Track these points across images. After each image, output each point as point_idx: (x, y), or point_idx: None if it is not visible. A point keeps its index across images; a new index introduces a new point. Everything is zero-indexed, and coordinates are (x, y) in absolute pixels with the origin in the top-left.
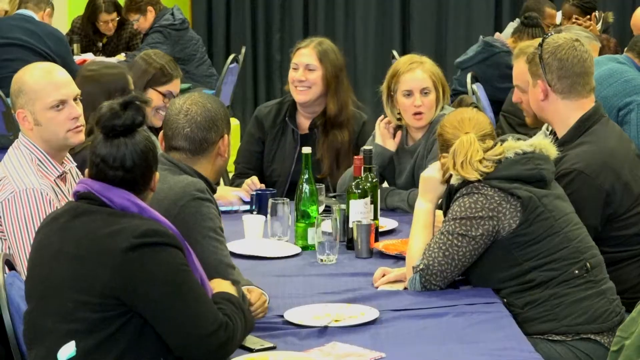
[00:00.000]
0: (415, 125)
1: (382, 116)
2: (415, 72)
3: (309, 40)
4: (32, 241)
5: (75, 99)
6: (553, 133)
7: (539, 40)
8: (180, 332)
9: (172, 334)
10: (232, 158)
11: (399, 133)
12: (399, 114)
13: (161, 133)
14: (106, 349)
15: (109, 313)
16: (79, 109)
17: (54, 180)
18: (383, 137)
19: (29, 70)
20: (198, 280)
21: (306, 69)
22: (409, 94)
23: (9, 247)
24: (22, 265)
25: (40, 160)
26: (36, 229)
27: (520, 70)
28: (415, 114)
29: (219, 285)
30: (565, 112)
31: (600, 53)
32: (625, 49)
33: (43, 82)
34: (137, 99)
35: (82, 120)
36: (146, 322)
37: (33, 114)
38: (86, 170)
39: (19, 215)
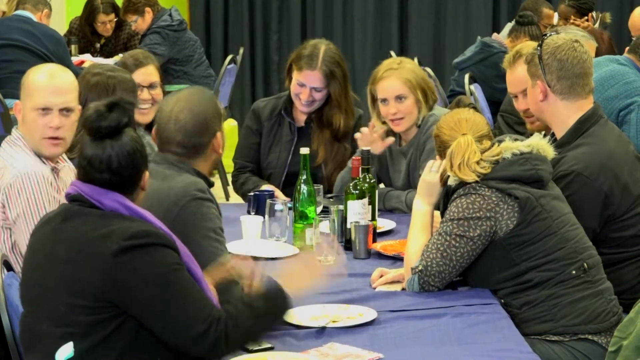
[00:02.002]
0: (396, 129)
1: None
2: (389, 79)
3: (311, 55)
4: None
5: (66, 111)
6: (552, 135)
7: (530, 44)
8: (173, 332)
9: (166, 334)
10: (229, 152)
11: (390, 139)
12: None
13: (154, 129)
14: (103, 351)
15: (103, 316)
16: (62, 121)
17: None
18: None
19: (39, 68)
20: (191, 278)
21: (313, 89)
22: (385, 101)
23: (10, 236)
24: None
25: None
26: (40, 211)
27: (519, 76)
28: (393, 120)
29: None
30: (565, 113)
31: (597, 52)
32: (626, 49)
33: (41, 83)
34: (123, 101)
35: (62, 134)
36: (142, 324)
37: (24, 109)
38: (76, 172)
39: (22, 198)
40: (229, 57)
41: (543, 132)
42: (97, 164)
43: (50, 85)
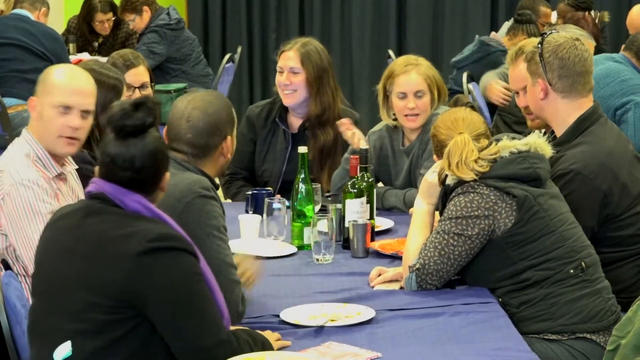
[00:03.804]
0: (409, 126)
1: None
2: (409, 74)
3: (293, 42)
4: (33, 231)
5: (86, 113)
6: (552, 132)
7: (532, 40)
8: (181, 341)
9: (173, 341)
10: None
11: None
12: (394, 114)
13: (165, 128)
14: (113, 351)
15: (118, 316)
16: (82, 122)
17: (52, 178)
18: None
19: (61, 67)
20: (208, 291)
21: (290, 72)
22: (403, 96)
23: (7, 246)
24: (27, 258)
25: (38, 157)
26: (36, 218)
27: (521, 72)
28: (409, 115)
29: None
30: (565, 112)
31: (596, 45)
32: (622, 47)
33: (64, 82)
34: (149, 100)
35: (79, 135)
36: (154, 329)
37: (41, 106)
38: (96, 168)
39: (18, 206)
40: (227, 56)
41: (543, 130)
42: (121, 162)
43: (72, 85)
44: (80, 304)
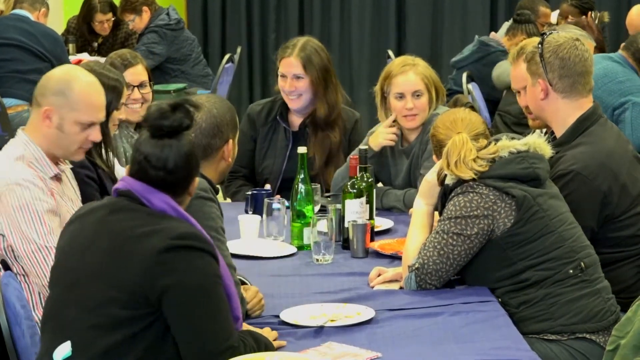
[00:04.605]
0: (408, 126)
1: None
2: (407, 74)
3: (291, 46)
4: (32, 230)
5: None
6: (551, 132)
7: (534, 40)
8: (191, 342)
9: (183, 341)
10: None
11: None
12: None
13: None
14: (126, 348)
15: (135, 312)
16: (100, 134)
17: (49, 178)
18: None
19: (79, 78)
20: (224, 296)
21: (293, 77)
22: (401, 96)
23: (6, 246)
24: (27, 258)
25: (35, 159)
26: (33, 217)
27: (522, 72)
28: (407, 115)
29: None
30: (565, 112)
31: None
32: (621, 46)
33: (90, 99)
34: (188, 102)
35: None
36: (168, 329)
37: (61, 119)
38: (126, 167)
39: (15, 206)
40: (227, 56)
41: (544, 130)
42: (154, 161)
43: (97, 102)
44: (98, 298)
